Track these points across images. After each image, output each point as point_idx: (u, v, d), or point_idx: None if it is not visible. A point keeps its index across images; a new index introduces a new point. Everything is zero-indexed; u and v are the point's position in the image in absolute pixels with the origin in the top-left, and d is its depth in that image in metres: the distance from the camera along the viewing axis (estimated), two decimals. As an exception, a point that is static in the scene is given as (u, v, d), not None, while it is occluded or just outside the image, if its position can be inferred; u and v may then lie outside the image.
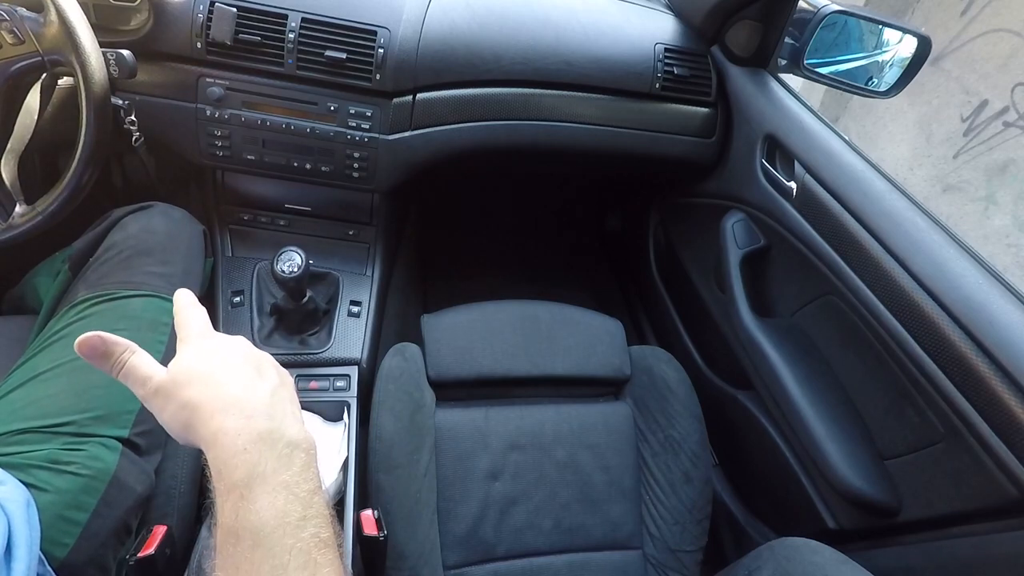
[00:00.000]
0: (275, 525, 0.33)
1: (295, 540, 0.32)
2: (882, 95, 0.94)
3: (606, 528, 0.79)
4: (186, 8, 0.80)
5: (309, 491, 0.35)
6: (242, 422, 0.36)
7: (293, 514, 0.33)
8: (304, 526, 0.33)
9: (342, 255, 0.95)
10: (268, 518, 0.33)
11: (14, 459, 0.51)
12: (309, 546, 0.33)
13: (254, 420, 0.36)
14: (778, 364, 0.81)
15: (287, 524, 0.33)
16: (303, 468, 0.36)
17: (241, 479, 0.34)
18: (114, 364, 0.40)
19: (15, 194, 0.72)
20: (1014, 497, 0.57)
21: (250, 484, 0.34)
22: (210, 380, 0.38)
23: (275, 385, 0.40)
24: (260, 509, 0.33)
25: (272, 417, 0.37)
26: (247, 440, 0.35)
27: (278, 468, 0.35)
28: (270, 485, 0.34)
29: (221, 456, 0.35)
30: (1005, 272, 0.63)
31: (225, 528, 0.33)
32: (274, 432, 0.36)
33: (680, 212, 1.25)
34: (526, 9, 0.95)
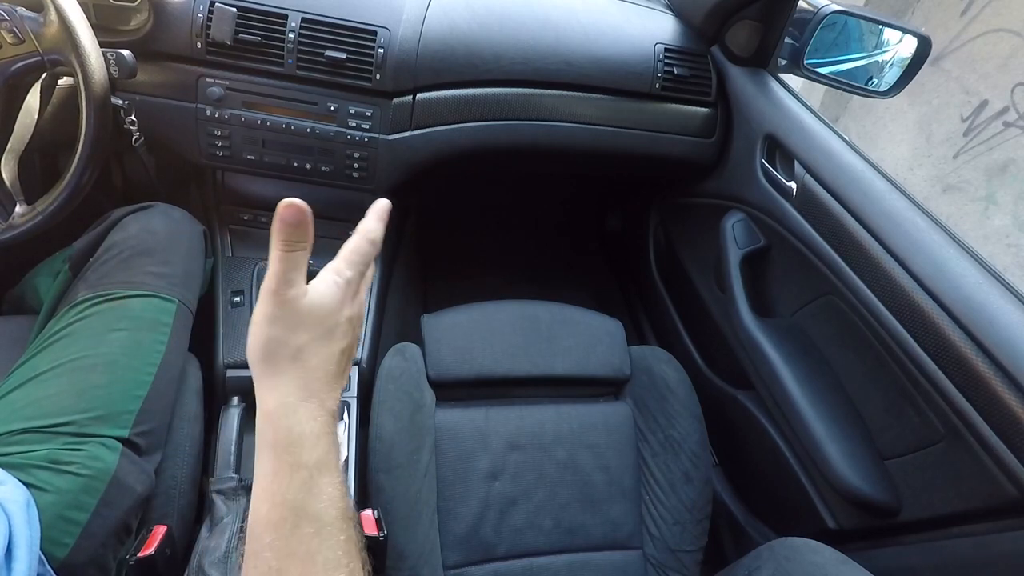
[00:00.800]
0: (334, 516, 0.33)
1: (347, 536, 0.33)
2: (882, 95, 0.94)
3: (606, 528, 0.79)
4: (186, 8, 0.80)
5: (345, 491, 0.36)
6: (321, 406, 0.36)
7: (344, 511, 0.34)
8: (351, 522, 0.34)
9: None
10: (329, 508, 0.33)
11: (14, 459, 0.51)
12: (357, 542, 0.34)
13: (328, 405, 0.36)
14: (778, 364, 0.81)
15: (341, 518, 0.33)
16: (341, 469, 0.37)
17: (314, 462, 0.34)
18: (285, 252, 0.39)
19: (15, 194, 0.72)
20: (1014, 497, 0.57)
21: (321, 469, 0.34)
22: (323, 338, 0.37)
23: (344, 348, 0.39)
24: (328, 497, 0.33)
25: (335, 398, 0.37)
26: (322, 425, 0.35)
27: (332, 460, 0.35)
28: (333, 477, 0.34)
29: (295, 429, 0.34)
30: (1005, 272, 0.63)
31: (289, 506, 0.33)
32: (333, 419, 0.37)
33: (680, 212, 1.25)
34: (526, 9, 0.95)
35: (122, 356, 0.61)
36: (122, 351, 0.62)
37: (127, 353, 0.62)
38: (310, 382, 0.36)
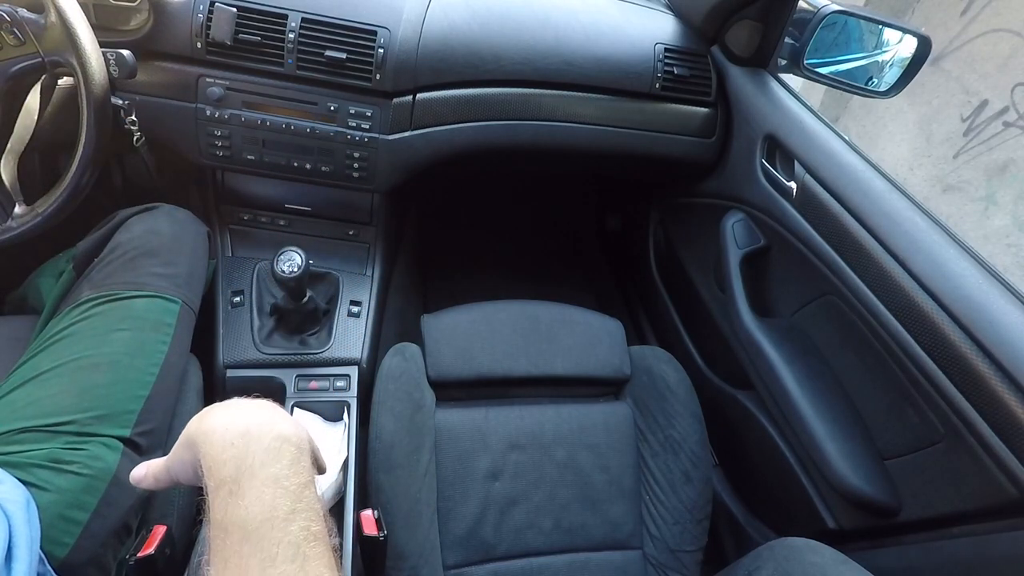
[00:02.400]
0: (263, 519, 0.33)
1: (283, 534, 0.32)
2: (882, 95, 0.94)
3: (606, 528, 0.79)
4: (186, 8, 0.80)
5: (299, 484, 0.35)
6: (228, 418, 0.37)
7: (282, 508, 0.33)
8: (293, 519, 0.33)
9: (342, 255, 0.95)
10: (256, 512, 0.33)
11: (15, 458, 0.51)
12: (298, 539, 0.33)
13: (241, 416, 0.37)
14: (778, 364, 0.81)
15: (275, 518, 0.33)
16: (292, 462, 0.36)
17: (229, 475, 0.34)
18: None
19: (15, 194, 0.72)
20: (1014, 497, 0.57)
21: (238, 479, 0.34)
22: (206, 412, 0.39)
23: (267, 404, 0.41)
24: (248, 504, 0.33)
25: (260, 413, 0.38)
26: (235, 434, 0.36)
27: (266, 461, 0.35)
28: (258, 479, 0.34)
29: (210, 452, 0.35)
30: (1005, 272, 0.63)
31: (215, 523, 0.34)
32: (262, 426, 0.37)
33: (680, 212, 1.25)
34: (526, 9, 0.95)
35: (125, 356, 0.62)
36: (125, 351, 0.62)
37: (130, 353, 0.62)
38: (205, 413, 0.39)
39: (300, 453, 0.37)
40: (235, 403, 0.39)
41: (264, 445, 0.36)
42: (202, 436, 0.37)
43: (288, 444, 0.37)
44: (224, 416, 0.37)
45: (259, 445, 0.35)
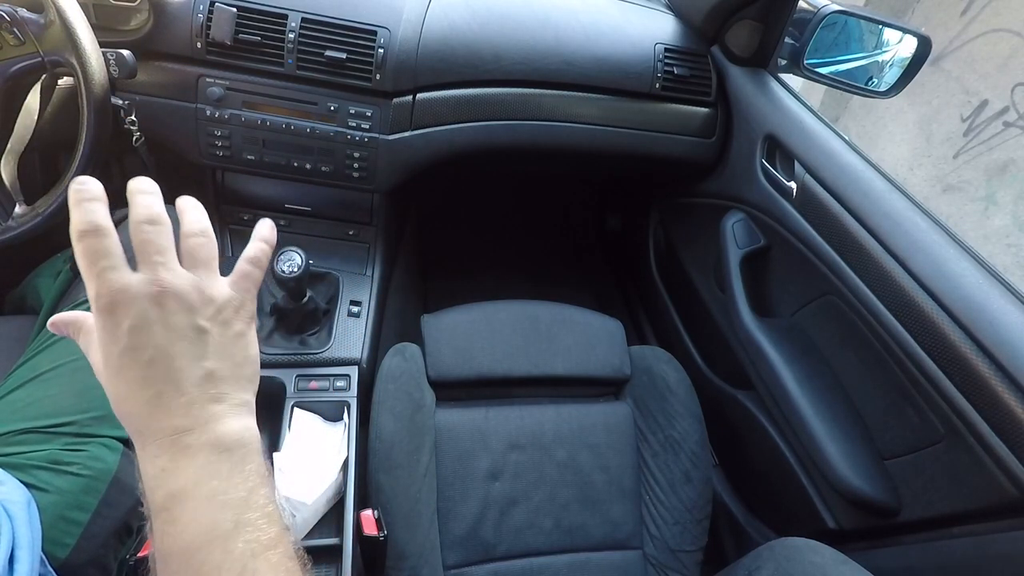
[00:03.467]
0: (201, 543, 0.30)
1: (224, 553, 0.30)
2: (882, 95, 0.94)
3: (606, 528, 0.79)
4: (186, 8, 0.80)
5: (243, 494, 0.32)
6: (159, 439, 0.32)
7: (223, 525, 0.30)
8: (237, 535, 0.30)
9: (342, 255, 0.95)
10: (192, 536, 0.30)
11: (15, 459, 0.51)
12: (244, 555, 0.30)
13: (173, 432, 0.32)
14: (778, 364, 0.81)
15: (216, 538, 0.30)
16: (233, 471, 0.32)
17: (162, 500, 0.31)
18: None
19: (15, 194, 0.72)
20: (1014, 497, 0.57)
21: (169, 505, 0.31)
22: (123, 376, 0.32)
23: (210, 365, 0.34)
24: (183, 529, 0.30)
25: (195, 420, 0.32)
26: (167, 459, 0.31)
27: (200, 479, 0.31)
28: (193, 500, 0.31)
29: (144, 479, 0.32)
30: (1005, 272, 0.63)
31: (156, 551, 0.31)
32: (196, 439, 0.32)
33: (680, 212, 1.25)
34: (526, 9, 0.95)
35: None
36: None
37: None
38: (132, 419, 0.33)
39: (243, 458, 0.33)
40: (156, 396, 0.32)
41: (198, 463, 0.31)
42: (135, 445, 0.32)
43: (227, 454, 0.32)
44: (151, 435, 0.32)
45: (192, 463, 0.31)
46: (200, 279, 0.35)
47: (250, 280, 0.38)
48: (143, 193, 0.36)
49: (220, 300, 0.35)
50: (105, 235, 0.33)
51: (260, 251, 0.39)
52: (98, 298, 0.32)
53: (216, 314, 0.35)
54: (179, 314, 0.33)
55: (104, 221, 0.33)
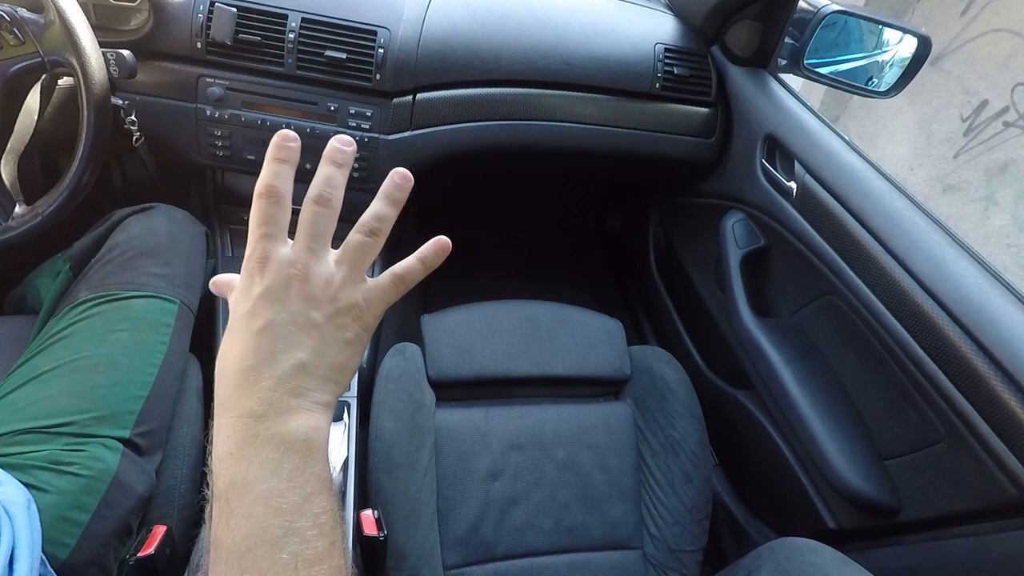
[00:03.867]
0: (250, 545, 0.29)
1: (270, 563, 0.29)
2: (882, 95, 0.94)
3: (606, 528, 0.79)
4: (186, 8, 0.80)
5: (299, 500, 0.31)
6: (234, 419, 0.32)
7: (273, 530, 0.30)
8: (284, 544, 0.30)
9: None
10: (243, 535, 0.30)
11: (15, 459, 0.51)
12: (287, 569, 0.29)
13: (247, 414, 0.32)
14: (778, 364, 0.81)
15: (264, 543, 0.29)
16: (295, 472, 0.31)
17: (222, 488, 0.31)
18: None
19: (15, 194, 0.72)
20: (1014, 497, 0.57)
21: (228, 495, 0.31)
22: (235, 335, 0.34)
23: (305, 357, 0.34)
24: (235, 525, 0.30)
25: (270, 407, 0.32)
26: (235, 443, 0.31)
27: (261, 475, 0.31)
28: (250, 496, 0.30)
29: (214, 457, 0.32)
30: (1005, 272, 0.63)
31: (210, 540, 0.31)
32: (266, 429, 0.32)
33: (680, 212, 1.25)
34: (526, 9, 0.95)
35: (123, 356, 0.61)
36: (123, 351, 0.62)
37: (128, 353, 0.62)
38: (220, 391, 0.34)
39: (307, 459, 0.32)
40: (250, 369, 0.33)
41: (263, 455, 0.31)
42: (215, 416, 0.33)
43: (291, 453, 0.32)
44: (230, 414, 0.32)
45: (257, 455, 0.31)
46: (339, 277, 0.35)
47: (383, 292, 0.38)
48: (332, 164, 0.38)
49: (344, 304, 0.36)
50: (278, 202, 0.35)
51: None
52: (248, 259, 0.34)
53: (334, 315, 0.35)
54: (301, 301, 0.34)
55: (284, 188, 0.35)
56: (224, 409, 0.33)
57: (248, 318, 0.33)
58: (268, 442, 0.32)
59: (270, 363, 0.33)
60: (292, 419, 0.33)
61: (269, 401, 0.32)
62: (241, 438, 0.32)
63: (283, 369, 0.33)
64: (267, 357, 0.33)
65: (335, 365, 0.35)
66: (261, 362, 0.33)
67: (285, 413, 0.33)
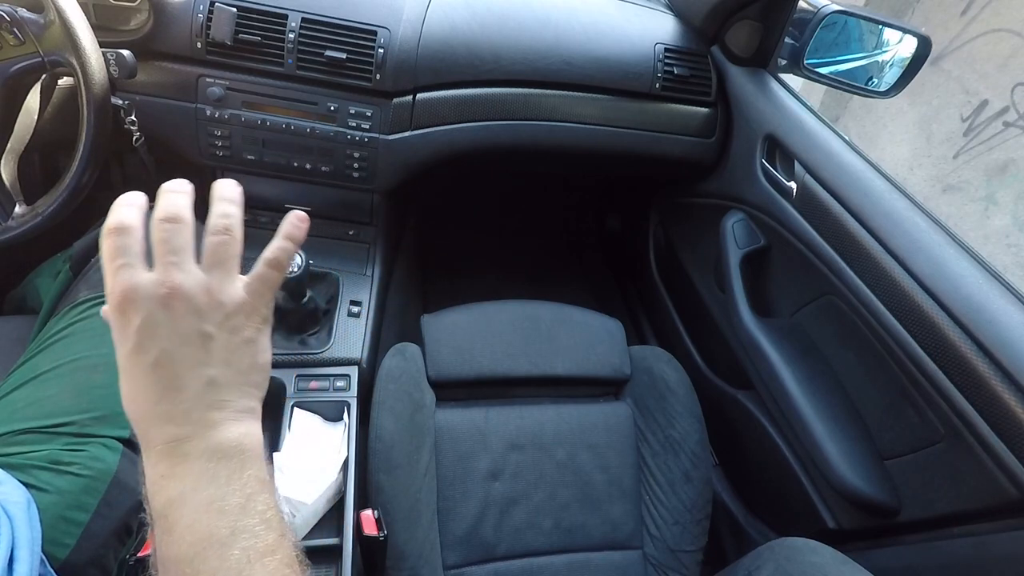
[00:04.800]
0: (196, 551, 0.30)
1: (220, 560, 0.30)
2: (882, 95, 0.94)
3: (606, 528, 0.79)
4: (186, 8, 0.80)
5: (241, 500, 0.31)
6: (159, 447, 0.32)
7: (220, 532, 0.30)
8: (233, 542, 0.30)
9: (342, 255, 0.95)
10: (189, 544, 0.30)
11: (15, 459, 0.51)
12: (240, 562, 0.30)
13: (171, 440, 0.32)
14: (778, 364, 0.81)
15: (212, 545, 0.30)
16: (230, 477, 0.32)
17: (160, 507, 0.31)
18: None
19: (15, 194, 0.72)
20: (1014, 497, 0.57)
21: (167, 512, 0.31)
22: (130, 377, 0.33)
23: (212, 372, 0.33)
24: (180, 537, 0.30)
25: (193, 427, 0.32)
26: (166, 466, 0.32)
27: (198, 486, 0.31)
28: (189, 507, 0.31)
29: (147, 486, 0.32)
30: (1005, 272, 0.63)
31: (157, 559, 0.31)
32: (194, 447, 0.32)
33: (680, 212, 1.25)
34: (526, 9, 0.95)
35: None
36: None
37: None
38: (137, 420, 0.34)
39: (242, 464, 0.33)
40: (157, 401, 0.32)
41: (197, 468, 0.31)
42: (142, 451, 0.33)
43: (225, 460, 0.32)
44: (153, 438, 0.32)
45: (190, 470, 0.31)
46: (213, 281, 0.34)
47: (267, 284, 0.37)
48: (171, 192, 0.35)
49: (231, 305, 0.34)
50: (127, 233, 0.32)
51: (282, 251, 0.37)
52: (111, 296, 0.32)
53: (225, 320, 0.34)
54: (186, 318, 0.33)
55: (130, 220, 0.33)
56: (148, 444, 0.32)
57: (136, 356, 0.32)
58: (199, 457, 0.32)
59: (179, 389, 0.32)
60: (219, 431, 0.33)
61: (190, 422, 0.32)
62: (171, 461, 0.32)
63: (195, 390, 0.33)
64: (173, 385, 0.32)
65: (244, 368, 0.35)
66: (168, 391, 0.32)
67: (210, 428, 0.33)
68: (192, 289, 0.33)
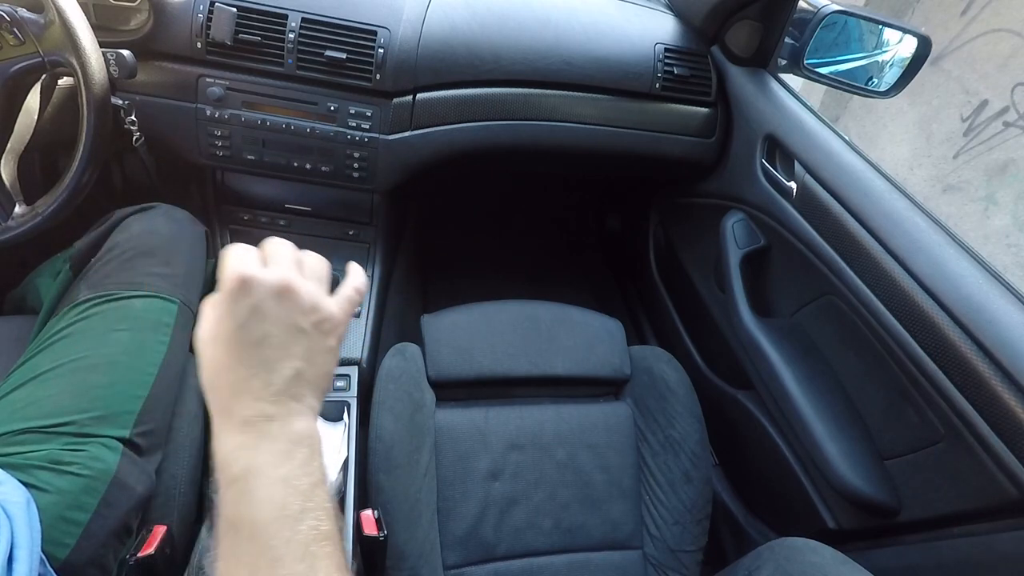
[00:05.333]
0: (272, 517, 0.32)
1: (292, 532, 0.32)
2: (882, 95, 0.94)
3: (606, 528, 0.79)
4: (186, 8, 0.80)
5: (310, 484, 0.35)
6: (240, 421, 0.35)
7: (292, 507, 0.33)
8: (303, 518, 0.33)
9: (342, 255, 0.95)
10: (266, 511, 0.33)
11: (15, 459, 0.51)
12: (308, 538, 0.33)
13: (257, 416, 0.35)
14: (778, 364, 0.81)
15: (285, 517, 0.33)
16: (304, 462, 0.35)
17: (239, 473, 0.34)
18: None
19: (15, 194, 0.72)
20: (1014, 497, 0.57)
21: (247, 478, 0.33)
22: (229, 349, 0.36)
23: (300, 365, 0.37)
24: (258, 501, 0.33)
25: (278, 410, 0.35)
26: (247, 438, 0.34)
27: (277, 463, 0.34)
28: (269, 479, 0.33)
29: (222, 450, 0.35)
30: (1005, 272, 0.63)
31: (225, 519, 0.33)
32: (277, 427, 0.35)
33: (680, 212, 1.25)
34: (526, 9, 0.95)
35: (123, 356, 0.61)
36: (123, 351, 0.62)
37: (128, 353, 0.62)
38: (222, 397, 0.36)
39: (313, 453, 0.36)
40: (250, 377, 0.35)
41: (277, 448, 0.35)
42: (217, 428, 0.35)
43: (300, 446, 0.35)
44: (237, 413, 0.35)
45: (272, 447, 0.34)
46: (315, 289, 0.39)
47: (351, 304, 0.42)
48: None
49: (325, 312, 0.39)
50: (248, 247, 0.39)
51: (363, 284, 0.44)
52: (230, 280, 0.36)
53: (319, 323, 0.38)
54: (293, 312, 0.37)
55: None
56: (228, 414, 0.35)
57: (243, 331, 0.35)
58: (279, 437, 0.35)
59: (270, 371, 0.36)
60: (296, 421, 0.36)
61: (276, 404, 0.35)
62: (255, 434, 0.34)
63: (284, 376, 0.36)
64: (266, 366, 0.36)
65: (322, 372, 0.39)
66: (262, 370, 0.35)
67: (291, 415, 0.36)
68: (302, 289, 0.37)
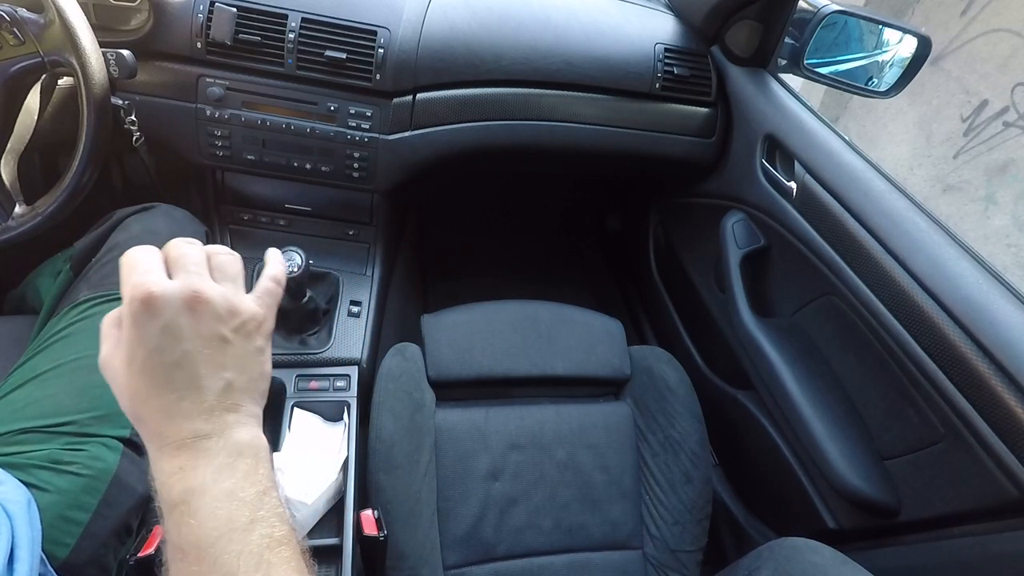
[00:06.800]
0: (219, 534, 0.31)
1: (243, 544, 0.31)
2: (882, 95, 0.94)
3: (606, 528, 0.79)
4: (186, 8, 0.80)
5: (257, 493, 0.33)
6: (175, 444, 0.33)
7: (240, 519, 0.32)
8: (253, 528, 0.32)
9: (342, 255, 0.95)
10: (211, 528, 0.31)
11: (15, 459, 0.51)
12: (261, 547, 0.31)
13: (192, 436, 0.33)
14: (778, 364, 0.81)
15: (233, 530, 0.31)
16: (248, 472, 0.34)
17: (179, 496, 0.32)
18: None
19: (15, 194, 0.72)
20: (1014, 497, 0.57)
21: (188, 500, 0.32)
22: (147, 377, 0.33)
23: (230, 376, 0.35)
24: (202, 522, 0.31)
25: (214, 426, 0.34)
26: (185, 459, 0.33)
27: (219, 478, 0.32)
28: (210, 495, 0.32)
29: (159, 477, 0.33)
30: (1005, 272, 0.63)
31: (171, 544, 0.32)
32: (214, 444, 0.33)
33: (680, 212, 1.25)
34: (526, 9, 0.95)
35: None
36: None
37: None
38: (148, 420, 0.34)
39: (256, 462, 0.34)
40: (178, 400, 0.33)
41: (217, 463, 0.33)
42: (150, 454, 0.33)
43: (243, 458, 0.34)
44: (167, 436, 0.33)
45: (210, 464, 0.33)
46: (228, 291, 0.36)
47: (273, 297, 0.40)
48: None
49: (245, 314, 0.37)
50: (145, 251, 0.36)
51: (281, 272, 0.42)
52: (132, 300, 0.33)
53: (240, 327, 0.36)
54: (208, 322, 0.35)
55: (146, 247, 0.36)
56: (162, 439, 0.33)
57: (159, 355, 0.33)
58: (218, 452, 0.33)
59: (199, 390, 0.34)
60: (235, 432, 0.34)
61: (211, 421, 0.34)
62: (191, 454, 0.33)
63: (215, 391, 0.34)
64: (193, 385, 0.34)
65: (256, 375, 0.37)
66: (190, 390, 0.34)
67: (228, 428, 0.34)
68: (214, 296, 0.35)
